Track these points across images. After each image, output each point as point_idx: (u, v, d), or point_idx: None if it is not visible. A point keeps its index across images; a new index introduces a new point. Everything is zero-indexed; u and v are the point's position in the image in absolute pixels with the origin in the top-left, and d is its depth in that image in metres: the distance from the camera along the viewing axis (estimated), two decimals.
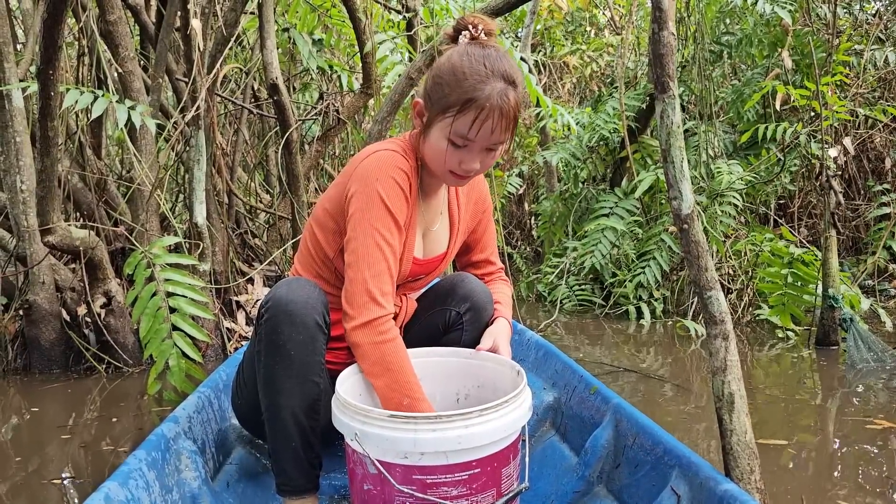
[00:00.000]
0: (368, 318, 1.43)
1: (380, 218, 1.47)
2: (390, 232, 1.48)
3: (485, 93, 1.41)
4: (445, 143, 1.47)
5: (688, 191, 1.25)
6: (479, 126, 1.43)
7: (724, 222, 4.26)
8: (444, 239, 1.75)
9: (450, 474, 1.31)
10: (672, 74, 1.21)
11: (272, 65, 3.40)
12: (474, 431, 1.29)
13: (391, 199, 1.49)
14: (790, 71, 4.47)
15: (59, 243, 2.92)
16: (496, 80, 1.42)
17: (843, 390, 2.93)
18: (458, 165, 1.50)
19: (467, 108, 1.42)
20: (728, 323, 1.32)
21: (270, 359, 1.47)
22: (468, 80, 1.42)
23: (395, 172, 1.51)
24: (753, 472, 1.29)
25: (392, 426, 1.29)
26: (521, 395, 1.42)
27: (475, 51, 1.46)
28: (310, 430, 1.51)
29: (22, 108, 3.17)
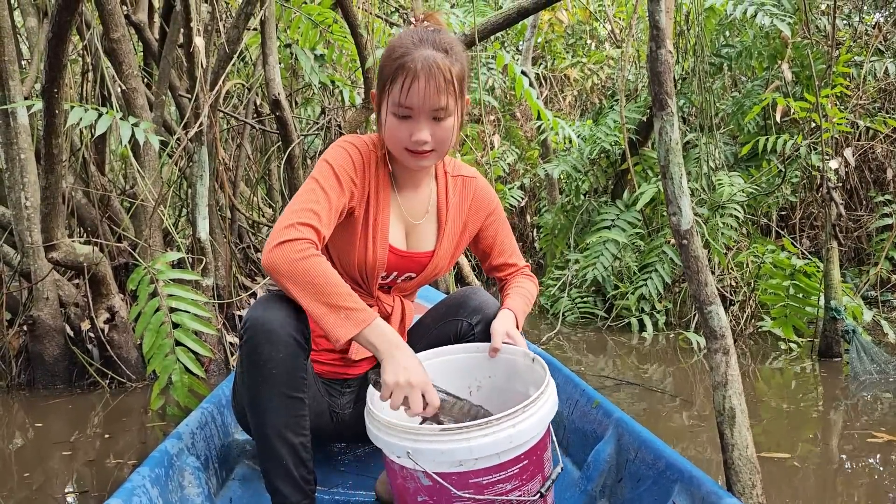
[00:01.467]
0: (282, 239, 1.43)
1: (320, 172, 1.56)
2: (324, 178, 1.55)
3: (411, 57, 1.48)
4: (393, 119, 1.54)
5: (687, 206, 1.26)
6: (407, 89, 1.49)
7: (726, 234, 4.26)
8: (432, 237, 1.76)
9: (503, 471, 1.35)
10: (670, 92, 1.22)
11: (274, 81, 3.42)
12: (521, 428, 1.34)
13: (335, 159, 1.58)
14: (790, 83, 4.48)
15: (62, 259, 2.93)
16: (424, 47, 1.50)
17: (845, 402, 2.92)
18: (409, 139, 1.54)
19: (397, 75, 1.49)
20: (728, 337, 1.33)
21: (253, 379, 1.47)
22: (396, 51, 1.51)
23: (346, 145, 1.62)
24: (755, 487, 1.29)
25: (447, 438, 1.31)
26: (551, 384, 1.46)
27: (409, 31, 1.56)
28: (300, 446, 1.50)
29: (27, 126, 3.20)
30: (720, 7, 4.46)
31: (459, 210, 1.79)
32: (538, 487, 1.41)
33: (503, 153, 6.60)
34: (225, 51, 3.18)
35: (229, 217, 3.87)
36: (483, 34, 3.79)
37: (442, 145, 1.57)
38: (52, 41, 2.30)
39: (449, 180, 1.78)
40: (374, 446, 2.05)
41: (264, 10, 3.44)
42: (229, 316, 3.61)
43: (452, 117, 1.55)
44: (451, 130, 1.56)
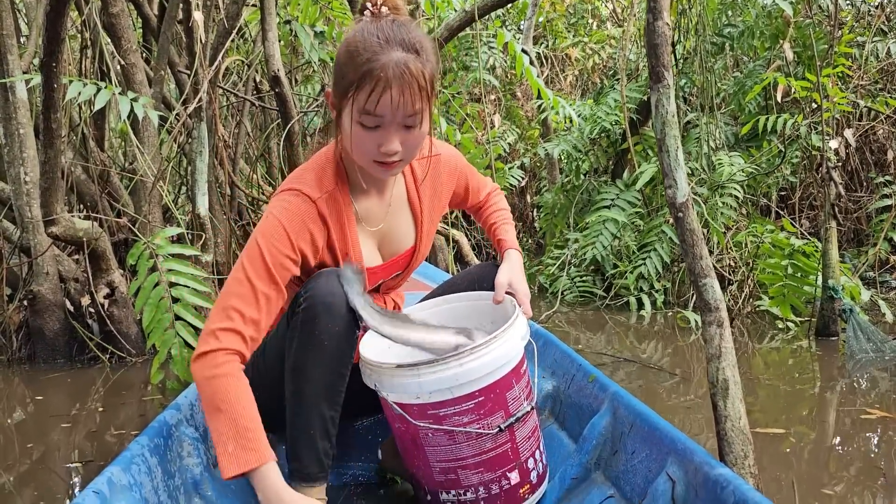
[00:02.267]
0: (202, 350, 1.38)
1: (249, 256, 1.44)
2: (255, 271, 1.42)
3: (380, 62, 1.31)
4: (358, 128, 1.38)
5: (682, 180, 1.27)
6: (377, 98, 1.33)
7: (725, 214, 4.26)
8: (408, 233, 1.70)
9: (457, 405, 1.47)
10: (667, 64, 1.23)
11: (274, 57, 3.40)
12: (469, 367, 1.44)
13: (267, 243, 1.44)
14: (791, 63, 4.46)
15: (62, 234, 2.94)
16: (392, 49, 1.33)
17: (842, 381, 2.94)
18: (377, 150, 1.40)
19: (364, 83, 1.32)
20: (723, 310, 1.34)
21: (303, 347, 1.47)
22: (361, 54, 1.33)
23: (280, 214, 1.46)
24: (747, 458, 1.31)
25: (400, 374, 1.46)
26: (509, 330, 1.53)
27: (370, 26, 1.37)
28: (329, 420, 1.52)
29: (25, 101, 3.19)
30: None
31: (433, 193, 1.72)
32: (499, 423, 1.51)
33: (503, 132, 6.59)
34: (224, 26, 3.17)
35: (229, 194, 3.88)
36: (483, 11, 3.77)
37: (412, 152, 1.45)
38: (51, 14, 2.29)
39: (415, 166, 1.68)
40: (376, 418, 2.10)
41: None
42: None
43: (425, 122, 1.42)
44: (422, 136, 1.45)
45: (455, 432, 1.50)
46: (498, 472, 1.55)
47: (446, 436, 1.51)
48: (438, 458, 1.54)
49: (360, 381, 1.80)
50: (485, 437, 1.51)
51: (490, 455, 1.54)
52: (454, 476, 1.55)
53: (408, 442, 1.58)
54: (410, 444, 1.57)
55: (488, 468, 1.54)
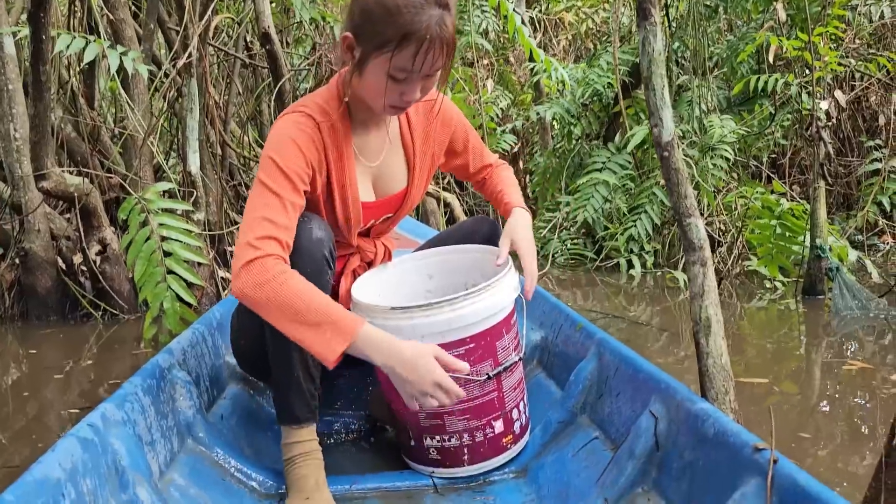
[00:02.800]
0: (245, 259, 1.36)
1: (267, 176, 1.44)
2: (275, 180, 1.43)
3: (422, 24, 1.32)
4: (385, 80, 1.39)
5: (668, 118, 1.28)
6: (422, 59, 1.35)
7: (716, 175, 4.28)
8: (401, 174, 1.70)
9: (448, 350, 1.47)
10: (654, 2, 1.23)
11: (264, 13, 3.38)
12: (461, 313, 1.47)
13: (281, 155, 1.45)
14: (785, 24, 4.45)
15: (53, 189, 2.94)
16: (431, 6, 1.34)
17: (827, 337, 2.99)
18: (399, 98, 1.43)
19: (407, 42, 1.33)
20: (706, 250, 1.36)
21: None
22: (402, 12, 1.33)
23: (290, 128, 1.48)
24: (728, 393, 1.34)
25: (394, 317, 1.48)
26: (502, 280, 1.56)
27: None
28: (311, 361, 1.54)
29: (14, 56, 3.16)
30: None
31: (426, 137, 1.72)
32: (488, 371, 1.54)
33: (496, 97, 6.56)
34: None
35: (220, 154, 3.87)
36: None
37: (425, 95, 1.49)
38: None
39: (410, 109, 1.67)
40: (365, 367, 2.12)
41: None
42: (220, 251, 3.64)
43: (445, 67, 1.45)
44: (437, 80, 1.47)
45: None
46: (483, 419, 1.59)
47: None
48: None
49: None
50: (473, 383, 1.54)
51: (477, 402, 1.57)
52: (440, 421, 1.58)
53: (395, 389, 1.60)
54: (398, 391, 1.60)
55: (474, 415, 1.58)
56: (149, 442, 1.48)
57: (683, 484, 1.32)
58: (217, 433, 1.74)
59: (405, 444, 1.69)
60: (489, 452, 1.63)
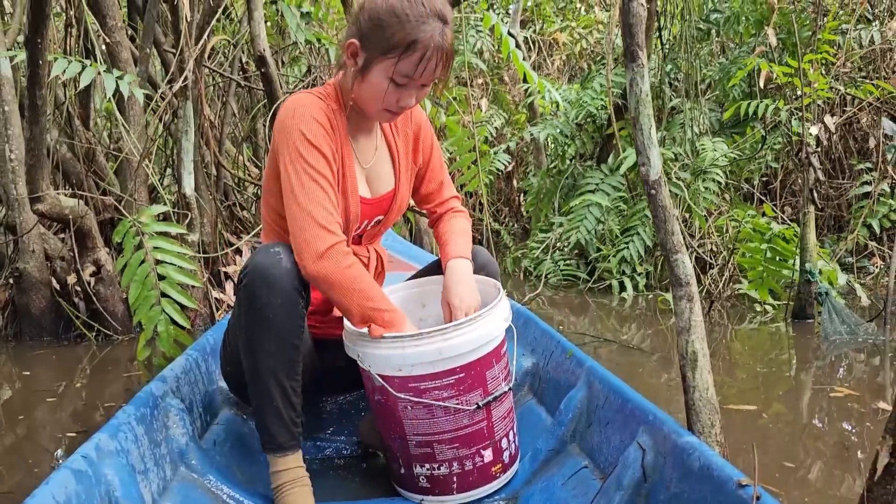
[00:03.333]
0: (327, 245, 1.48)
1: (307, 153, 1.53)
2: (319, 163, 1.53)
3: (427, 33, 1.47)
4: (386, 83, 1.52)
5: (655, 157, 1.31)
6: (423, 66, 1.49)
7: (707, 198, 4.32)
8: (389, 175, 1.78)
9: (438, 380, 1.52)
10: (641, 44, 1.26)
11: (260, 37, 3.42)
12: (452, 343, 1.50)
13: (313, 133, 1.54)
14: (776, 49, 4.51)
15: (48, 211, 2.95)
16: (434, 19, 1.48)
17: (815, 362, 3.02)
18: (395, 103, 1.55)
19: (412, 49, 1.47)
20: (693, 285, 1.38)
21: (250, 323, 1.52)
22: (410, 21, 1.47)
23: (313, 111, 1.56)
24: (714, 426, 1.36)
25: (385, 346, 1.51)
26: (493, 310, 1.58)
27: None
28: (290, 389, 1.56)
29: (10, 78, 3.19)
30: None
31: (406, 140, 1.81)
32: (478, 400, 1.56)
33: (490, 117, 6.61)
34: (210, 4, 3.17)
35: (215, 174, 3.89)
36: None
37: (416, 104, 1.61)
38: None
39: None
40: (358, 394, 2.13)
41: None
42: (214, 272, 3.65)
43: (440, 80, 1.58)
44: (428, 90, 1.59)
45: (434, 406, 1.55)
46: (473, 448, 1.60)
47: (425, 409, 1.55)
48: (416, 432, 1.59)
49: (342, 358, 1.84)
50: (462, 412, 1.56)
51: (466, 431, 1.59)
52: (430, 450, 1.60)
53: (386, 414, 1.62)
54: (389, 417, 1.61)
55: (463, 444, 1.59)
56: (142, 471, 1.49)
57: None
58: (210, 460, 1.75)
59: (395, 472, 1.70)
60: (478, 481, 1.64)
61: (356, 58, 1.55)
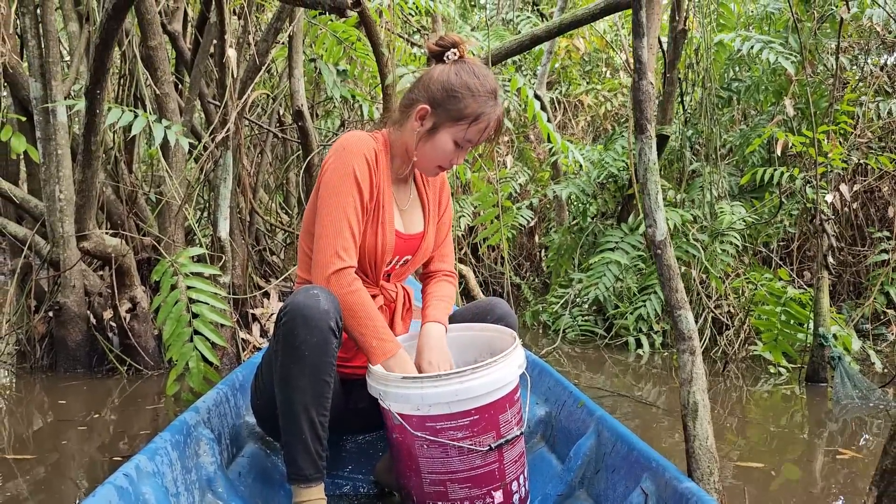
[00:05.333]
0: (337, 267, 1.70)
1: (349, 186, 1.76)
2: (355, 197, 1.75)
3: (490, 108, 1.78)
4: (451, 145, 1.80)
5: (661, 220, 1.42)
6: (485, 136, 1.80)
7: (724, 260, 4.40)
8: (419, 219, 1.99)
9: (453, 420, 1.63)
10: (650, 118, 1.39)
11: (299, 92, 3.62)
12: (468, 386, 1.61)
13: (360, 169, 1.77)
14: (794, 118, 4.64)
15: (93, 249, 3.12)
16: (495, 98, 1.80)
17: (829, 424, 3.06)
18: (448, 162, 1.84)
19: (479, 120, 1.77)
20: (695, 339, 1.48)
21: (287, 358, 1.64)
22: (480, 97, 1.77)
23: (365, 148, 1.79)
24: (713, 474, 1.44)
25: (405, 385, 1.63)
26: (508, 357, 1.69)
27: (475, 69, 1.80)
28: (319, 423, 1.67)
29: (65, 124, 3.41)
30: (729, 42, 4.64)
31: (435, 193, 2.03)
32: (490, 442, 1.66)
33: (515, 173, 6.77)
34: (255, 62, 3.39)
35: (248, 220, 4.06)
36: (497, 58, 3.98)
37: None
38: (99, 46, 2.50)
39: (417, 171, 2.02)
40: (377, 434, 2.23)
41: (293, 25, 3.64)
42: (243, 314, 3.79)
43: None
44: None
45: (449, 446, 1.64)
46: (484, 489, 1.69)
47: (440, 448, 1.65)
48: (430, 470, 1.68)
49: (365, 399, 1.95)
50: (476, 453, 1.65)
51: (478, 472, 1.67)
52: (443, 489, 1.69)
53: (403, 452, 1.71)
54: (406, 455, 1.71)
55: (475, 484, 1.68)
56: (174, 494, 1.60)
57: None
58: (234, 490, 1.85)
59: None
60: None
61: (423, 120, 1.81)
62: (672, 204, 4.88)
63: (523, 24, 6.67)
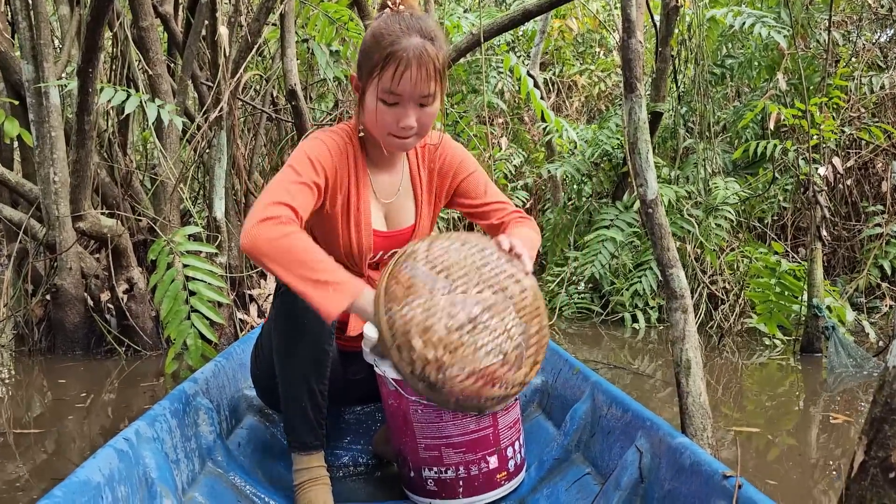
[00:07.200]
0: (265, 215, 1.43)
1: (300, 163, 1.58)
2: (301, 164, 1.57)
3: (401, 45, 1.51)
4: (380, 105, 1.56)
5: (652, 179, 1.44)
6: (399, 77, 1.52)
7: (719, 235, 4.42)
8: (410, 211, 1.83)
9: None
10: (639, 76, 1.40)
11: (291, 72, 3.61)
12: None
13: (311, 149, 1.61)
14: (787, 93, 4.65)
15: (89, 229, 3.13)
16: (412, 35, 1.53)
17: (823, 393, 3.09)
18: (395, 125, 1.58)
19: (388, 62, 1.52)
20: (687, 298, 1.50)
21: (286, 328, 1.64)
22: (385, 38, 1.53)
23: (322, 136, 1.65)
24: (706, 430, 1.46)
25: None
26: None
27: (391, 18, 1.57)
28: (318, 393, 1.68)
29: (58, 106, 3.41)
30: (721, 18, 4.64)
31: (430, 180, 1.84)
32: None
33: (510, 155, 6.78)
34: (247, 41, 3.38)
35: (243, 201, 4.07)
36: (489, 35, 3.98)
37: (424, 129, 1.62)
38: (90, 24, 2.50)
39: (418, 152, 1.83)
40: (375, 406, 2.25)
41: (284, 4, 3.63)
42: (239, 294, 3.80)
43: (436, 101, 1.60)
44: (434, 114, 1.62)
45: (443, 410, 1.65)
46: (479, 454, 1.70)
47: (434, 413, 1.66)
48: (425, 435, 1.69)
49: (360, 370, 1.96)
50: (470, 418, 1.66)
51: (473, 437, 1.69)
52: (437, 453, 1.70)
53: (399, 419, 1.72)
54: (401, 422, 1.72)
55: (470, 449, 1.69)
56: (174, 460, 1.61)
57: None
58: (234, 459, 1.87)
59: (405, 476, 1.80)
60: (483, 487, 1.73)
61: (358, 90, 1.64)
62: (666, 181, 4.89)
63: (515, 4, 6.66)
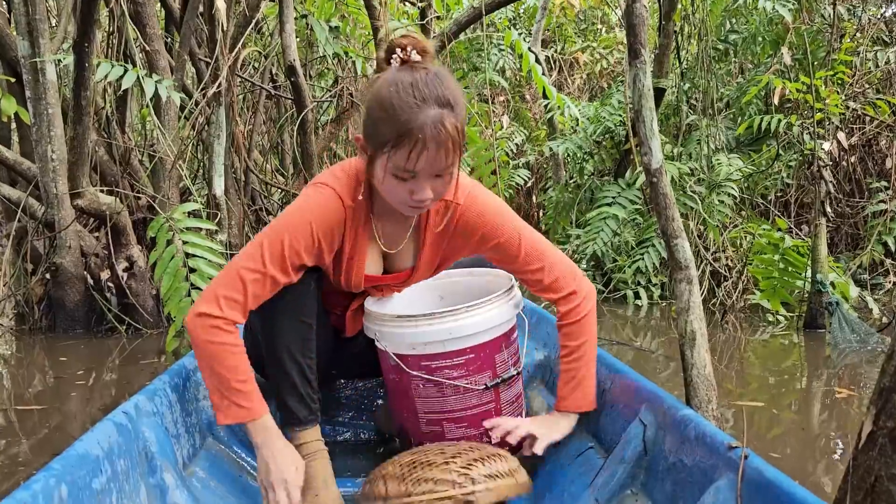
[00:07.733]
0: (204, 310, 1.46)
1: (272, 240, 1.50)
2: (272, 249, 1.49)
3: (417, 123, 1.34)
4: (389, 178, 1.42)
5: (657, 148, 1.41)
6: (416, 158, 1.36)
7: (722, 212, 4.39)
8: (410, 257, 1.72)
9: (448, 359, 1.61)
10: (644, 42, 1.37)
11: (290, 48, 3.57)
12: (463, 324, 1.59)
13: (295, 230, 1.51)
14: (791, 67, 4.60)
15: (87, 207, 3.10)
16: (429, 106, 1.35)
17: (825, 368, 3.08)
18: (409, 197, 1.44)
19: (402, 143, 1.35)
20: (692, 269, 1.48)
21: (270, 302, 1.60)
22: (398, 113, 1.35)
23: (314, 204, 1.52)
24: (711, 402, 1.44)
25: (399, 324, 1.61)
26: (502, 296, 1.66)
27: (404, 77, 1.38)
28: (306, 366, 1.65)
29: (55, 82, 3.37)
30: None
31: (439, 239, 1.69)
32: (486, 381, 1.65)
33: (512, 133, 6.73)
34: (245, 16, 3.34)
35: (243, 179, 4.04)
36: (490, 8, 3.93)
37: (442, 195, 1.49)
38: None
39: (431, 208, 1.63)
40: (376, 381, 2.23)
41: None
42: None
43: (455, 167, 1.44)
44: (452, 180, 1.47)
45: (444, 385, 1.63)
46: (480, 429, 1.68)
47: (436, 387, 1.64)
48: (427, 410, 1.68)
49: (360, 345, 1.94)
50: (471, 392, 1.65)
51: (474, 411, 1.67)
52: (439, 428, 1.68)
53: (400, 393, 1.71)
54: (402, 396, 1.70)
55: (472, 423, 1.67)
56: (174, 435, 1.60)
57: (667, 484, 1.42)
58: (235, 435, 1.86)
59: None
60: None
61: (366, 151, 1.45)
62: (669, 157, 4.85)
63: None
